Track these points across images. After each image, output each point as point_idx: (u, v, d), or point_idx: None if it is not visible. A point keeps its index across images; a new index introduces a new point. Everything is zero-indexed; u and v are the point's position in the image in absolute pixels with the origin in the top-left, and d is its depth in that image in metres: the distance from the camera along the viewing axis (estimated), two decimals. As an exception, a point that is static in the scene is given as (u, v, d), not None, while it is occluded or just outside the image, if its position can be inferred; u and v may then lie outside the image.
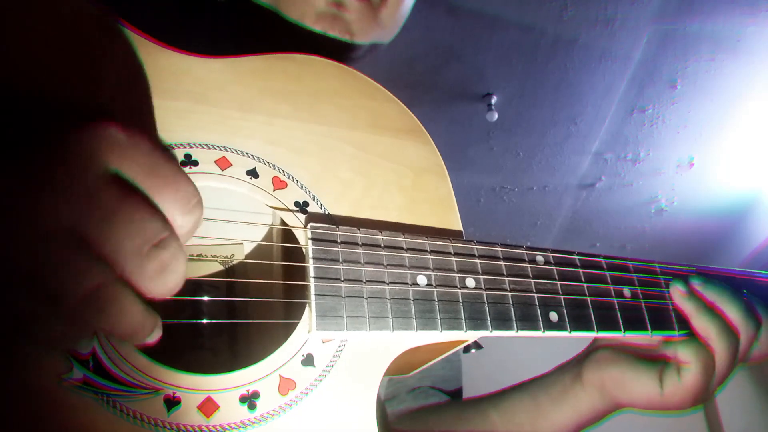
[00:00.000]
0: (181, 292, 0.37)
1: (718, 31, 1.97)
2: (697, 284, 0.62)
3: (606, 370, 0.64)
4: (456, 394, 0.80)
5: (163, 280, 0.33)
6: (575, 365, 0.68)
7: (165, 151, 0.35)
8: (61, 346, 0.37)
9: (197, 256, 0.56)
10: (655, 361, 0.63)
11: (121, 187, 0.32)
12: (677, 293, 0.62)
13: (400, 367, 0.55)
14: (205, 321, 0.54)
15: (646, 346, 0.64)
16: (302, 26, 0.64)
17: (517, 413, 0.69)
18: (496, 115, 2.17)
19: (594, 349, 0.67)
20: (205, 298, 0.54)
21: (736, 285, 0.65)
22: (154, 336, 0.36)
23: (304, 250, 0.50)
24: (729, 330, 0.60)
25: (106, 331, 0.33)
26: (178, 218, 0.34)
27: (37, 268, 0.29)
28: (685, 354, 0.59)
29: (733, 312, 0.60)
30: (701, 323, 0.60)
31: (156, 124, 0.47)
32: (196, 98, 0.51)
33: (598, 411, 0.66)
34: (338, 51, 0.66)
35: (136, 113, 0.46)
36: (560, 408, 0.67)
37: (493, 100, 2.18)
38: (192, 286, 0.55)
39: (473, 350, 0.61)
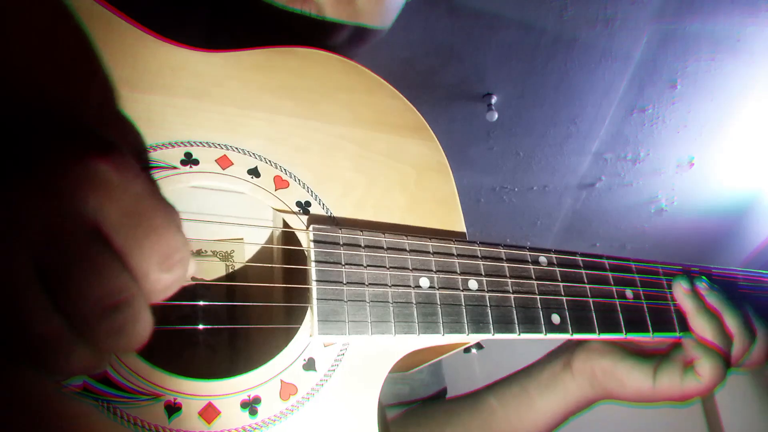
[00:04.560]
0: (179, 297, 0.36)
1: (718, 31, 1.97)
2: (701, 287, 0.62)
3: (597, 360, 0.64)
4: (440, 395, 0.79)
5: (114, 341, 0.30)
6: (565, 352, 0.68)
7: (155, 196, 0.32)
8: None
9: (196, 252, 0.55)
10: (648, 356, 0.63)
11: (95, 233, 0.30)
12: (680, 289, 0.62)
13: (401, 366, 0.54)
14: (200, 326, 0.53)
15: (638, 341, 0.65)
16: (272, 3, 0.62)
17: (507, 402, 0.69)
18: (496, 115, 2.16)
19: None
20: (206, 303, 0.53)
21: (739, 297, 0.66)
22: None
23: (306, 252, 0.49)
24: (725, 334, 0.60)
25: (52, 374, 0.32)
26: (154, 273, 0.31)
27: None
28: (703, 368, 0.59)
29: (731, 319, 0.61)
30: (699, 322, 0.61)
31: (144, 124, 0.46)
32: (196, 95, 0.50)
33: (586, 399, 0.66)
34: (317, 34, 0.64)
35: (123, 117, 0.45)
36: (548, 396, 0.67)
37: (493, 100, 2.17)
38: (192, 288, 0.54)
39: (474, 350, 0.61)
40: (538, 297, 0.54)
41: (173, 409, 0.41)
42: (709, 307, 0.62)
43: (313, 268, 0.47)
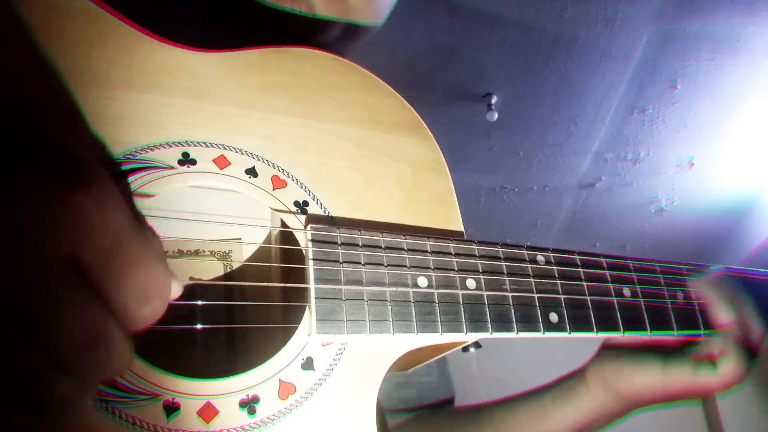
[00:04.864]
0: (177, 297, 0.36)
1: (718, 31, 1.97)
2: (716, 278, 0.65)
3: (608, 364, 0.64)
4: (448, 403, 0.79)
5: (95, 374, 0.31)
6: (581, 369, 0.68)
7: (134, 228, 0.32)
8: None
9: (194, 251, 0.55)
10: (659, 351, 0.64)
11: (72, 269, 0.30)
12: (703, 281, 0.65)
13: (399, 365, 0.54)
14: (199, 326, 0.53)
15: (650, 343, 0.65)
16: (263, 1, 0.61)
17: (521, 412, 0.69)
18: (496, 115, 2.16)
19: (598, 350, 0.68)
20: (204, 303, 0.54)
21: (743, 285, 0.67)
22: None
23: (304, 251, 0.49)
24: (745, 322, 0.62)
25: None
26: (132, 306, 0.32)
27: None
28: (727, 364, 0.60)
29: (747, 308, 0.63)
30: (724, 309, 0.63)
31: (81, 112, 0.45)
32: (193, 94, 0.50)
33: (602, 411, 0.66)
34: (308, 32, 0.64)
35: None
36: (563, 407, 0.66)
37: (493, 100, 2.17)
38: (190, 288, 0.54)
39: (472, 349, 0.61)
40: (536, 296, 0.54)
41: (172, 408, 0.41)
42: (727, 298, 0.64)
43: (311, 268, 0.48)
